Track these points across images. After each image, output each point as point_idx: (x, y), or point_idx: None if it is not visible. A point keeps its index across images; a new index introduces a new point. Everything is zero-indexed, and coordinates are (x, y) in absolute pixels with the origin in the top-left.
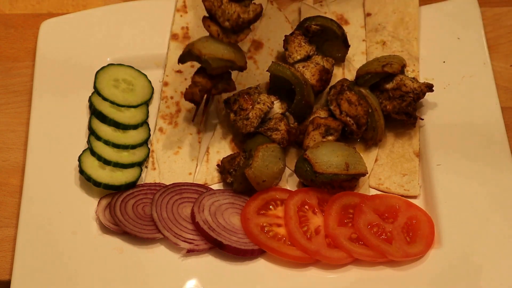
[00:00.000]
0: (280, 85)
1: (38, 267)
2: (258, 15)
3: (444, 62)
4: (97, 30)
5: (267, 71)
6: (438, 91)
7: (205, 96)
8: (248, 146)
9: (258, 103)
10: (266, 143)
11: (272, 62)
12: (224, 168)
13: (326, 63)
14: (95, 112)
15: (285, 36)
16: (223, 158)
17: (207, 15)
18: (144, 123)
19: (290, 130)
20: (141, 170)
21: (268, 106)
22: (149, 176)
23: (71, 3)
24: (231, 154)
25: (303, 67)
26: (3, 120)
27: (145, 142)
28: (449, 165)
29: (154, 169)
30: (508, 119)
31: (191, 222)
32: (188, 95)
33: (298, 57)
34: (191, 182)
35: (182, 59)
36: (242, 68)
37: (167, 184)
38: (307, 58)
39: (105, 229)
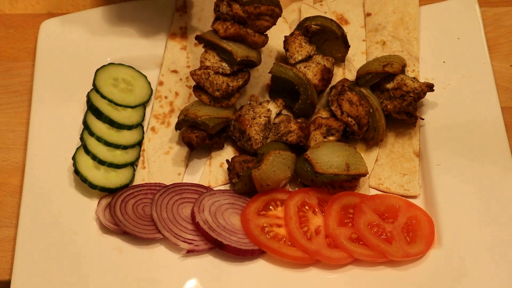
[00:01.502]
0: (282, 86)
1: (38, 267)
2: (246, 81)
3: (444, 62)
4: (97, 30)
5: (269, 72)
6: (438, 91)
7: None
8: (262, 150)
9: (254, 118)
10: (280, 149)
11: (274, 63)
12: (233, 167)
13: (327, 62)
14: (91, 108)
15: (285, 36)
16: (235, 156)
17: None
18: (139, 125)
19: (301, 126)
20: (134, 170)
21: (265, 116)
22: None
23: (71, 3)
24: (244, 156)
25: (305, 67)
26: (3, 120)
27: (137, 144)
28: (449, 165)
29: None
30: (508, 119)
31: (191, 222)
32: (186, 139)
33: (300, 58)
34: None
35: (178, 126)
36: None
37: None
38: (308, 58)
39: (105, 229)
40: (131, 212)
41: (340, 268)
